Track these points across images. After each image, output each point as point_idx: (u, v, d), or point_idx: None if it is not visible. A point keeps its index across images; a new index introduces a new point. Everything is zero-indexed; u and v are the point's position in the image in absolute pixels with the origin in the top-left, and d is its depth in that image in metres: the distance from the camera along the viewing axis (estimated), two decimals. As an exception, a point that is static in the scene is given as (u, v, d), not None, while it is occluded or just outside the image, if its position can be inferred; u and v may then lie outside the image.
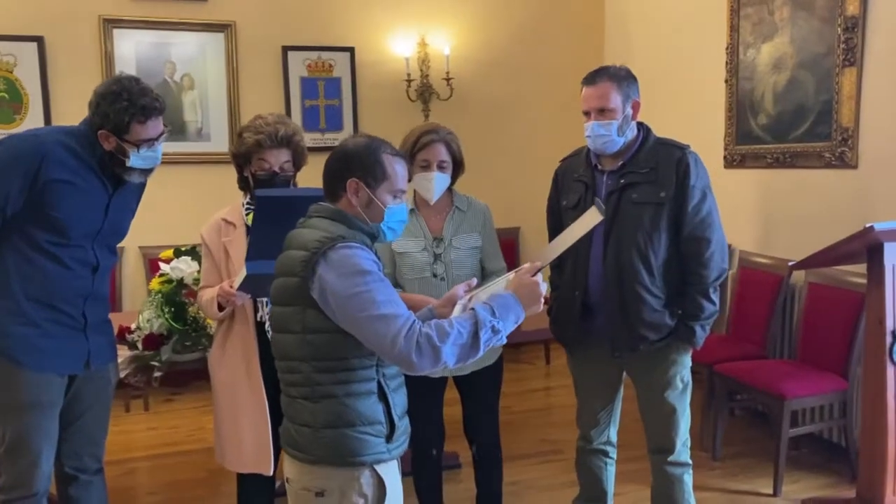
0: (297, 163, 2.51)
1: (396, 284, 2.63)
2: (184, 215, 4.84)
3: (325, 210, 1.83)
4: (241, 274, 2.26)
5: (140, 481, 3.68)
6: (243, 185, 2.54)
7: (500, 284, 2.01)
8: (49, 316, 2.25)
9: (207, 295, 2.45)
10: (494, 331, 1.74)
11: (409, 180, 2.61)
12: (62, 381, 2.31)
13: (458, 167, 2.65)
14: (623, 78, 2.45)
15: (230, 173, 5.27)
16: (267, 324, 2.42)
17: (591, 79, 2.47)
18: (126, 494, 3.48)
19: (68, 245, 2.24)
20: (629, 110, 2.44)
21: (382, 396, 1.78)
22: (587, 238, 2.48)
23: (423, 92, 5.38)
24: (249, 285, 2.28)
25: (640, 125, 2.53)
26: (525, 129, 5.65)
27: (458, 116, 5.41)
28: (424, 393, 2.68)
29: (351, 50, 5.27)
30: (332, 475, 1.75)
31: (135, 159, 2.23)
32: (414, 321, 1.70)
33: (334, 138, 5.24)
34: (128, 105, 2.16)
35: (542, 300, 1.85)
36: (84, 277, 2.29)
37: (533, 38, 5.65)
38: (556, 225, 2.65)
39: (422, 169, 2.58)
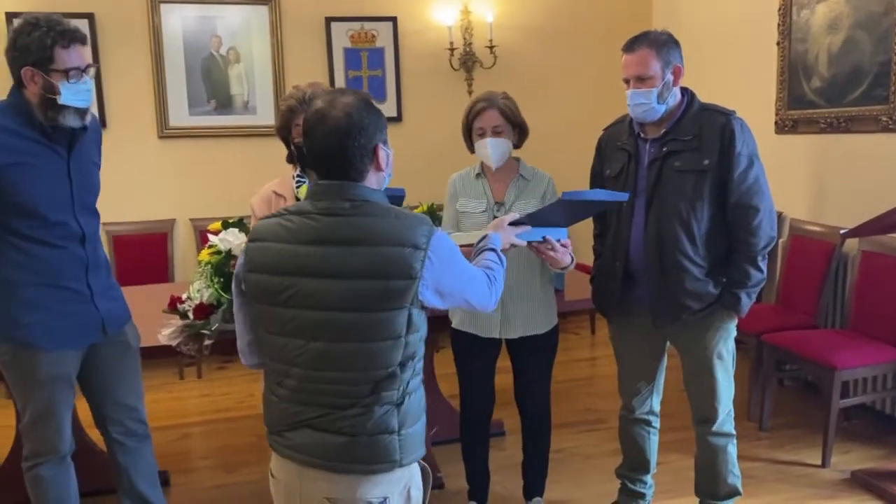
0: None
1: None
2: (232, 187, 4.94)
3: (364, 192, 1.62)
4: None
5: (193, 445, 3.81)
6: (291, 158, 2.55)
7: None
8: (57, 296, 2.25)
9: None
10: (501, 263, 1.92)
11: (474, 151, 2.67)
12: (78, 351, 2.35)
13: (519, 131, 2.64)
14: (663, 43, 2.38)
15: (277, 145, 5.37)
16: None
17: (630, 46, 2.42)
18: (180, 458, 3.60)
19: (49, 225, 2.21)
20: (669, 77, 2.38)
21: (423, 380, 1.72)
22: (629, 207, 2.46)
23: (466, 61, 5.34)
24: None
25: (685, 91, 2.48)
26: (570, 97, 5.57)
27: (501, 85, 5.30)
28: (478, 358, 2.73)
29: (393, 20, 5.24)
30: (394, 478, 1.64)
31: (66, 94, 2.12)
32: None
33: (378, 109, 5.25)
34: (47, 30, 2.09)
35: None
36: (76, 250, 2.27)
37: (577, 3, 5.54)
38: None
39: (479, 137, 2.61)
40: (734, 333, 2.56)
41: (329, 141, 1.58)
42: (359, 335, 1.57)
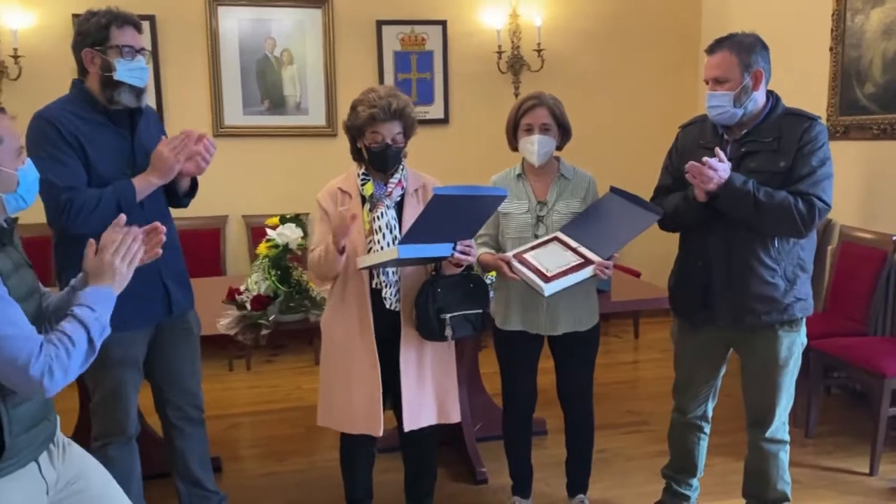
0: (408, 133, 2.55)
1: (498, 245, 2.72)
2: (283, 185, 5.06)
3: None
4: (389, 255, 2.32)
5: (243, 434, 3.92)
6: (357, 156, 2.60)
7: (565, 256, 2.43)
8: None
9: (321, 247, 2.50)
10: (101, 325, 1.67)
11: (517, 148, 2.70)
12: (146, 335, 2.47)
13: (563, 132, 2.70)
14: (746, 47, 2.38)
15: (327, 146, 5.51)
16: (383, 291, 2.51)
17: (712, 47, 2.43)
18: (230, 446, 3.71)
19: None
20: (749, 81, 2.37)
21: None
22: (702, 207, 2.43)
23: (514, 64, 5.38)
24: (391, 264, 2.41)
25: (770, 94, 2.47)
26: (617, 100, 5.57)
27: (548, 88, 5.30)
28: (522, 355, 2.77)
29: (443, 23, 5.32)
30: None
31: (121, 70, 2.29)
32: (43, 343, 1.57)
33: (425, 111, 5.32)
34: (106, 12, 2.30)
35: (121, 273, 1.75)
36: (139, 224, 2.36)
37: (626, 6, 5.55)
38: (672, 187, 2.61)
39: (525, 133, 2.65)
40: (803, 342, 2.54)
41: None
42: None
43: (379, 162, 2.52)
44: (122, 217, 1.79)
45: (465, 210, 2.37)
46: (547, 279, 2.45)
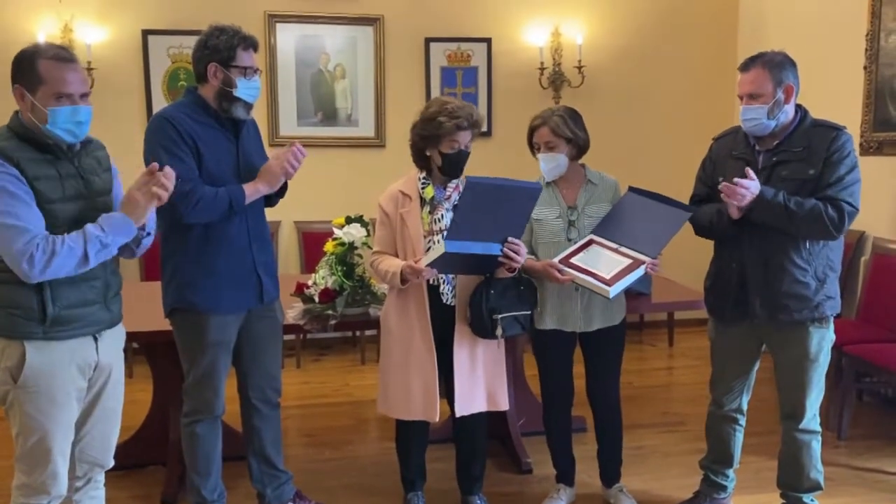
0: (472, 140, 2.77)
1: (531, 250, 2.87)
2: (333, 193, 5.31)
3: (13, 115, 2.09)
4: (437, 250, 2.51)
5: (297, 425, 4.14)
6: (421, 162, 2.79)
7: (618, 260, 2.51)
8: (226, 262, 2.60)
9: (387, 265, 2.72)
10: (103, 244, 2.04)
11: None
12: (238, 320, 2.69)
13: (574, 144, 2.81)
14: (777, 64, 2.58)
15: (376, 156, 5.74)
16: (441, 287, 2.72)
17: (745, 65, 2.62)
18: (286, 435, 3.87)
19: None
20: (781, 95, 2.56)
21: (38, 287, 2.03)
22: (736, 220, 2.62)
23: (555, 80, 5.60)
24: (440, 262, 2.55)
25: (799, 107, 2.65)
26: (654, 117, 5.76)
27: (587, 103, 5.54)
28: (556, 352, 2.95)
29: (488, 41, 5.55)
30: None
31: (241, 88, 2.53)
32: (35, 237, 1.96)
33: (469, 124, 5.55)
34: (233, 34, 2.53)
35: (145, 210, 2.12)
36: (241, 222, 2.63)
37: (666, 25, 5.74)
38: (706, 197, 2.79)
39: (537, 151, 2.86)
40: (832, 338, 2.71)
41: None
42: None
43: (454, 167, 2.72)
44: (155, 165, 2.15)
45: (503, 204, 2.52)
46: (608, 282, 2.60)
